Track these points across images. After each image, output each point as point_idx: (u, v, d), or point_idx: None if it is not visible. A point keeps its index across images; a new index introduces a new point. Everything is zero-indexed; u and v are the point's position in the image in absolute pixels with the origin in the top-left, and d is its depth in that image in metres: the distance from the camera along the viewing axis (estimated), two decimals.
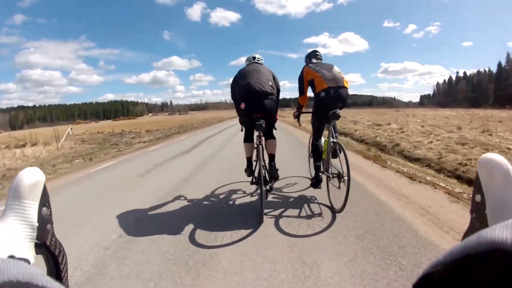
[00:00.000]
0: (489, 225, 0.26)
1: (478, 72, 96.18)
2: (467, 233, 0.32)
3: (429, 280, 0.16)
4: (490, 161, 0.31)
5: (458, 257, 0.15)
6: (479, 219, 0.31)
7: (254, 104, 2.35)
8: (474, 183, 0.33)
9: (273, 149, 2.61)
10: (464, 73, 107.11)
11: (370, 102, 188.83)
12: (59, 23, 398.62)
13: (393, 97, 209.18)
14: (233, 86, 2.57)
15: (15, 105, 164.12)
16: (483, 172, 0.31)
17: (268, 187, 2.51)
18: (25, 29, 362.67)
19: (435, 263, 0.16)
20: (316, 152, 2.60)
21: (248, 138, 2.63)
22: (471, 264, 0.14)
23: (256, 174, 2.39)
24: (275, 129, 2.64)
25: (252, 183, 2.59)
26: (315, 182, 2.59)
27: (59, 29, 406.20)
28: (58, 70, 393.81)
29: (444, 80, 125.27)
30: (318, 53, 2.71)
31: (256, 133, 2.49)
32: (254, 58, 2.70)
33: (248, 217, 2.32)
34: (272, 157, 2.60)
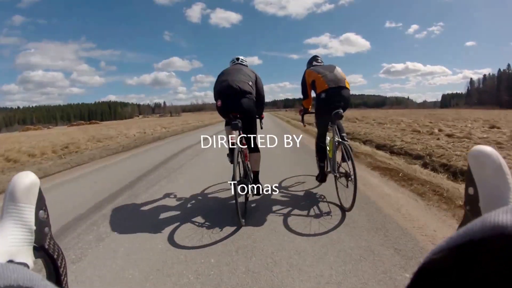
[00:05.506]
0: None
1: None
2: (461, 226, 0.32)
3: (432, 266, 0.16)
4: (480, 154, 0.32)
5: (461, 242, 0.15)
6: (472, 211, 0.33)
7: (230, 102, 2.38)
8: (466, 175, 0.35)
9: (257, 165, 2.58)
10: (508, 65, 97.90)
11: (382, 102, 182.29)
12: (59, 24, 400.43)
13: (406, 97, 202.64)
14: (215, 86, 2.61)
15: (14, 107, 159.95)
16: (474, 164, 0.32)
17: (250, 187, 2.46)
18: (25, 30, 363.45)
19: (437, 249, 0.16)
20: (320, 152, 2.87)
21: (229, 122, 2.55)
22: (475, 249, 0.14)
23: (237, 175, 2.27)
24: (261, 128, 2.79)
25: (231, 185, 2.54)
26: (320, 179, 2.94)
27: (59, 30, 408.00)
28: (59, 71, 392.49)
29: (484, 75, 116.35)
30: (318, 57, 2.98)
31: (235, 133, 2.49)
32: (238, 59, 2.81)
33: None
34: (256, 175, 2.57)
